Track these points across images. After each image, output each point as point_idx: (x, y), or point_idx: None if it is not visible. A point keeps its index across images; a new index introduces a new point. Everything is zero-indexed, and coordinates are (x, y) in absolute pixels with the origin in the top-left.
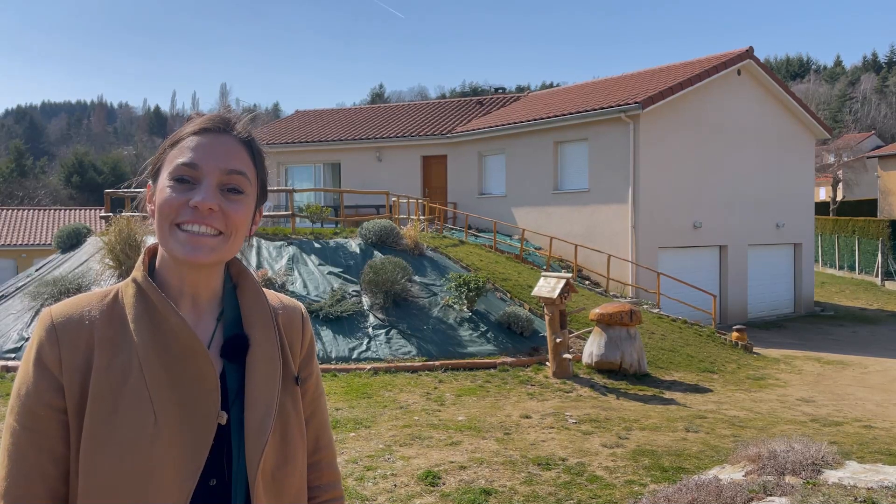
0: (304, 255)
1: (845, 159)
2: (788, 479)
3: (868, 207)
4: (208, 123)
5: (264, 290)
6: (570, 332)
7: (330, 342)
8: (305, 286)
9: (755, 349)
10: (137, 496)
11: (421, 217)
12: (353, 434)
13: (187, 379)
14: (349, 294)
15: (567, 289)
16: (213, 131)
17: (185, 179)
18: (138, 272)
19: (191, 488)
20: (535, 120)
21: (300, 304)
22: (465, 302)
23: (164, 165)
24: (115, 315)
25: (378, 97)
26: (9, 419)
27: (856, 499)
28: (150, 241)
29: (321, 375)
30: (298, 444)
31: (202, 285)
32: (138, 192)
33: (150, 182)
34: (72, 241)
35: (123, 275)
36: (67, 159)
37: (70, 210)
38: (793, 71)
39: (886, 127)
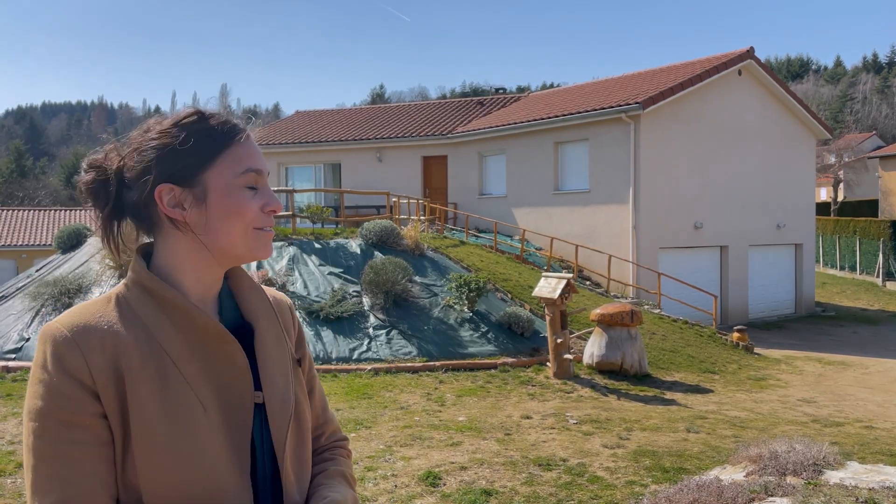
0: (305, 256)
1: (846, 160)
2: (790, 479)
3: (869, 208)
4: (245, 128)
5: None
6: (571, 333)
7: (330, 342)
8: (306, 286)
9: (756, 350)
10: (207, 488)
11: (421, 217)
12: (353, 434)
13: (219, 367)
14: (350, 294)
15: (568, 289)
16: (249, 134)
17: (253, 186)
18: (144, 275)
19: (248, 468)
20: (536, 120)
21: (286, 297)
22: (466, 302)
23: (218, 171)
24: (127, 318)
25: (378, 97)
26: (38, 445)
27: (857, 499)
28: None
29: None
30: (309, 425)
31: (216, 284)
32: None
33: (170, 184)
34: (72, 241)
35: (125, 275)
36: (67, 160)
37: (70, 210)
38: (793, 71)
39: (887, 127)
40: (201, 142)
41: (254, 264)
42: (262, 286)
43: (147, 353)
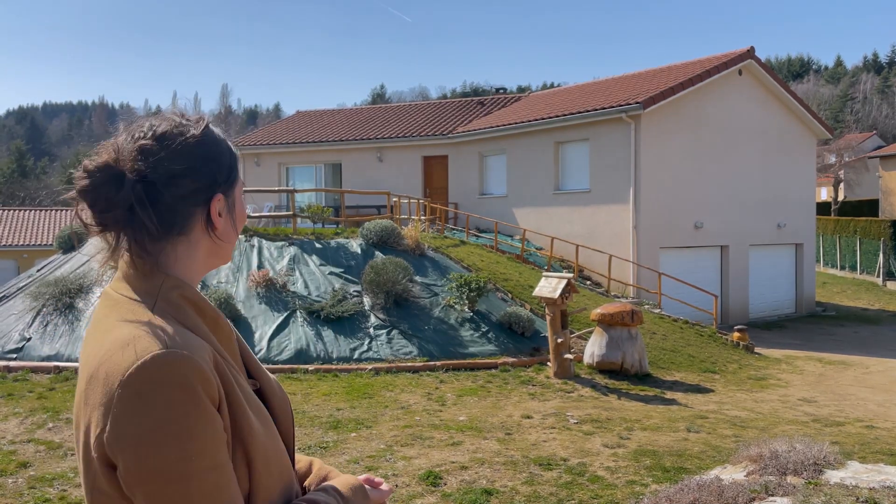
0: (306, 256)
1: (847, 159)
2: (790, 479)
3: (869, 207)
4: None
5: None
6: (572, 333)
7: (331, 342)
8: (307, 286)
9: (756, 349)
10: (289, 472)
11: (422, 217)
12: (354, 434)
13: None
14: (350, 294)
15: (568, 289)
16: None
17: None
18: (187, 286)
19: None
20: (536, 120)
21: None
22: (467, 302)
23: (236, 183)
24: (190, 331)
25: (379, 97)
26: (211, 480)
27: (858, 499)
28: None
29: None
30: None
31: None
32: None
33: (221, 194)
34: (73, 241)
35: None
36: (69, 160)
37: (71, 211)
38: (794, 71)
39: (888, 127)
40: (234, 153)
41: (255, 263)
42: None
43: (219, 361)
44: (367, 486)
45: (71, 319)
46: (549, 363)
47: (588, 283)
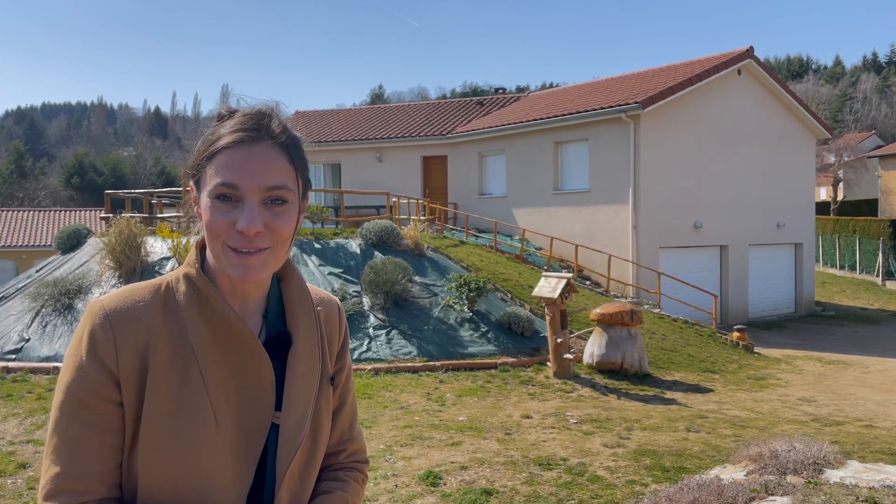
0: (305, 256)
1: (846, 159)
2: (790, 478)
3: (869, 207)
4: (242, 134)
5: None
6: (571, 333)
7: None
8: None
9: (756, 349)
10: (198, 495)
11: (421, 217)
12: None
13: (245, 378)
14: (350, 294)
15: (568, 289)
16: (248, 142)
17: (227, 198)
18: (192, 269)
19: (247, 486)
20: (536, 120)
21: (335, 297)
22: (466, 302)
23: (205, 179)
24: (169, 310)
25: (378, 98)
26: (57, 416)
27: (857, 498)
28: (151, 241)
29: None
30: (323, 446)
31: (252, 290)
32: (138, 194)
33: (192, 185)
34: (72, 242)
35: (124, 276)
36: (67, 160)
37: (70, 211)
38: (793, 70)
39: (887, 127)
40: (204, 145)
41: None
42: (313, 287)
43: (177, 350)
44: None
45: (70, 320)
46: (548, 363)
47: (588, 283)
